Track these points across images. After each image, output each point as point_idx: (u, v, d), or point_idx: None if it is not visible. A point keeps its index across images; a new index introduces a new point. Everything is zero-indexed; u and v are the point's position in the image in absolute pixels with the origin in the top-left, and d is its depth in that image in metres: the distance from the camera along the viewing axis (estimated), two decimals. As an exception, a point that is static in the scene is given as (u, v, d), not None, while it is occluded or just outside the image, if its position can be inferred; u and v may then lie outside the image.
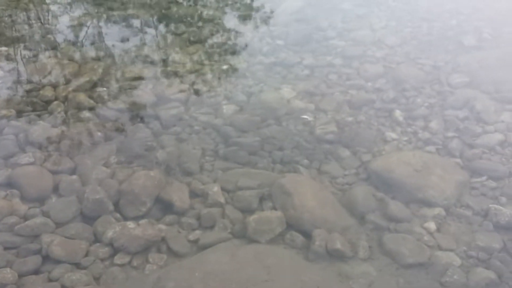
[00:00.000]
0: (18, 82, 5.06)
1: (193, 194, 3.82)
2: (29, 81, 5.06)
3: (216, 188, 3.79)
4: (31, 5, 6.60)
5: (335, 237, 3.41)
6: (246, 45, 5.87)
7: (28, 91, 4.91)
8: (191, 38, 5.89)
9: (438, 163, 4.01)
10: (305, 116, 4.61)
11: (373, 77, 5.23)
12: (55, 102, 4.72)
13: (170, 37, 6.02)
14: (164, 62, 5.48)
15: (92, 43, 5.78)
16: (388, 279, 3.19)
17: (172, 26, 6.18)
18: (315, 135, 4.46)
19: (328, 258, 3.31)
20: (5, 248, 3.36)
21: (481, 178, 3.99)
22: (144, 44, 5.83)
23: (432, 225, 3.57)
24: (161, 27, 6.27)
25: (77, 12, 6.53)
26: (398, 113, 4.70)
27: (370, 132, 4.51)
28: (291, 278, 3.08)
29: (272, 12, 6.56)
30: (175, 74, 5.25)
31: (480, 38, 5.78)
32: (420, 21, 6.27)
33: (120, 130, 4.48)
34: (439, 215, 3.63)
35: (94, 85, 4.99)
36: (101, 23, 6.27)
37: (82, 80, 4.99)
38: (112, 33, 6.01)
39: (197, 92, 5.01)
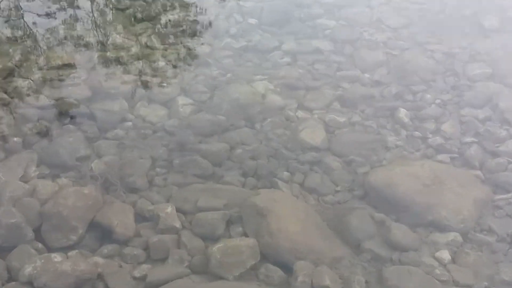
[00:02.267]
0: None
1: (140, 217, 3.82)
2: None
3: (169, 209, 3.79)
4: None
5: (323, 271, 3.41)
6: (210, 24, 5.83)
7: None
8: (138, 15, 5.85)
9: (452, 176, 4.07)
10: None
11: (371, 67, 5.24)
12: (-43, 97, 4.62)
13: (110, 13, 5.97)
14: (102, 45, 5.41)
15: (7, 20, 5.68)
16: (391, 324, 3.25)
17: (113, -1, 6.18)
18: (298, 141, 4.46)
19: (314, 299, 3.32)
20: None
21: (507, 195, 4.04)
22: (76, 21, 5.74)
23: (445, 255, 3.61)
24: (99, 0, 6.19)
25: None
26: (402, 113, 4.72)
27: (368, 137, 4.52)
28: (267, 325, 3.10)
29: (242, -19, 6.59)
30: (117, 61, 5.21)
31: (504, 19, 5.88)
32: (431, -5, 6.39)
33: (43, 134, 4.42)
34: (454, 242, 3.69)
35: (10, 74, 4.91)
36: (19, -6, 6.18)
37: (-7, 67, 4.93)
38: (33, 7, 5.91)
39: (145, 85, 4.97)
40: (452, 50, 5.46)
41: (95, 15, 5.93)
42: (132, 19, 5.80)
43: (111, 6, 6.08)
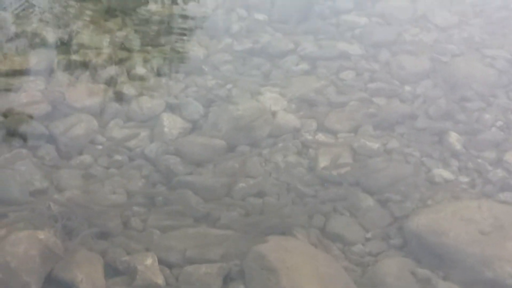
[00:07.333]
0: None
1: (111, 270, 3.81)
2: None
3: (150, 261, 3.79)
4: None
5: None
6: (205, 20, 5.90)
7: None
8: (112, 7, 5.92)
9: (520, 221, 4.04)
10: None
11: (413, 78, 5.29)
12: None
13: (76, 5, 6.00)
14: (65, 45, 5.44)
15: None
16: None
17: (81, -13, 6.21)
18: (318, 172, 4.48)
19: None
20: None
21: None
22: (32, 14, 5.78)
23: (511, 327, 3.59)
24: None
25: None
26: (454, 137, 4.75)
27: (409, 169, 4.54)
28: None
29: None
30: (84, 65, 5.24)
31: None
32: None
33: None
34: (523, 309, 3.66)
35: None
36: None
37: None
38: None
39: (120, 98, 5.00)
40: (519, 56, 5.45)
41: (57, 6, 5.99)
42: (105, 13, 5.88)
43: (77, -5, 6.17)
